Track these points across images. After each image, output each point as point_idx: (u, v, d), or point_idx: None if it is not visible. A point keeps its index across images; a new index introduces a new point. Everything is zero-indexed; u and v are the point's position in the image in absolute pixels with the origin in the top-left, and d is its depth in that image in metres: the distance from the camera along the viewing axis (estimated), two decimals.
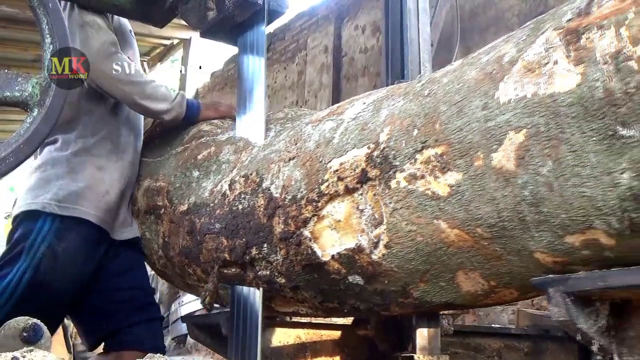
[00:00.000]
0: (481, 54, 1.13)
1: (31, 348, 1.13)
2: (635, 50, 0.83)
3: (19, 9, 6.14)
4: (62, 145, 1.83)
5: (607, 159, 0.89)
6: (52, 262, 1.70)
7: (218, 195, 1.56)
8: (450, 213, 1.09)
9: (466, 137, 1.05)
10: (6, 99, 1.36)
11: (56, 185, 1.76)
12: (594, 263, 1.00)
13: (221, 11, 1.80)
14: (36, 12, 1.38)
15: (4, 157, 1.30)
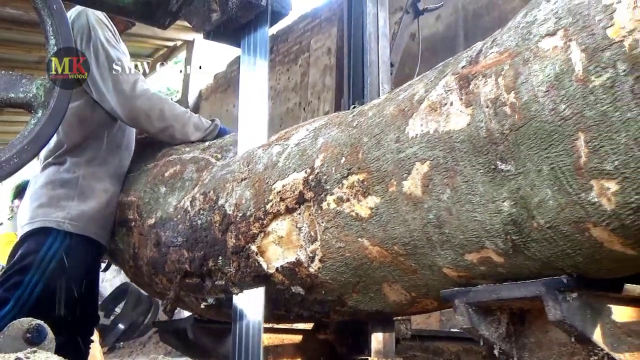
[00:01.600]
0: (400, 91, 1.27)
1: (35, 349, 1.16)
2: (508, 97, 0.97)
3: (23, 11, 6.20)
4: (71, 167, 1.97)
5: (492, 189, 1.02)
6: (61, 274, 1.85)
7: (181, 211, 1.70)
8: (371, 232, 1.23)
9: (382, 166, 1.18)
10: (10, 101, 1.37)
11: (68, 206, 1.91)
12: (491, 277, 1.14)
13: (225, 13, 1.83)
14: (40, 13, 1.39)
15: (8, 158, 1.31)
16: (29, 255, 1.85)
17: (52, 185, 1.95)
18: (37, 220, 1.90)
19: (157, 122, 1.99)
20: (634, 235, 0.89)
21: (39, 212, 1.92)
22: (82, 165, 1.97)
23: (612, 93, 0.84)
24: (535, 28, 0.96)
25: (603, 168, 0.87)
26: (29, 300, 1.81)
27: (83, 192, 1.94)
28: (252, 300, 1.55)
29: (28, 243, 1.88)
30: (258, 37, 1.87)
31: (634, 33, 0.82)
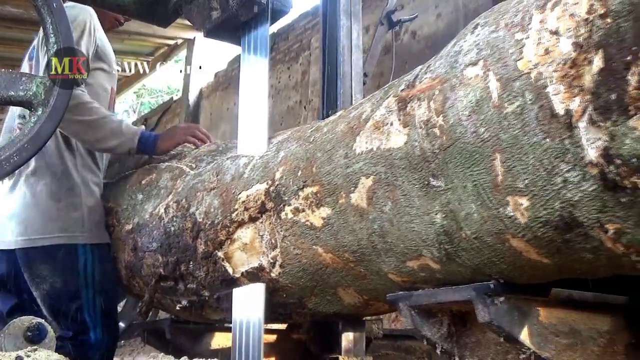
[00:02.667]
0: (352, 109, 1.36)
1: (35, 347, 1.17)
2: (438, 119, 1.07)
3: (23, 9, 6.22)
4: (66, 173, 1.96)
5: (426, 203, 1.12)
6: (108, 282, 1.96)
7: (156, 218, 1.80)
8: (324, 241, 1.33)
9: (333, 179, 1.28)
10: (10, 99, 1.37)
11: (79, 218, 1.93)
12: (431, 282, 1.23)
13: (225, 11, 1.83)
14: (40, 12, 1.39)
15: (8, 156, 1.31)
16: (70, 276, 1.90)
17: (57, 195, 1.94)
18: (53, 236, 1.91)
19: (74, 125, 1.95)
20: (546, 245, 0.99)
21: (51, 226, 1.92)
22: (75, 172, 1.97)
23: (522, 119, 0.94)
24: (461, 57, 1.05)
25: (516, 186, 0.97)
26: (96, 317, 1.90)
27: (87, 200, 1.96)
28: (252, 300, 1.55)
29: (54, 264, 1.90)
30: (258, 35, 1.87)
31: (538, 66, 0.92)
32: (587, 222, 0.91)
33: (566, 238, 0.96)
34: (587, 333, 1.25)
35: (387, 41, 2.88)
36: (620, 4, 0.81)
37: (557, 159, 0.90)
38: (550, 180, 0.92)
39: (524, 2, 1.00)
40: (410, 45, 4.59)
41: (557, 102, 0.89)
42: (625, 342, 1.31)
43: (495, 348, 1.28)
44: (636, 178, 0.82)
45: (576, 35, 0.87)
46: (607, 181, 0.86)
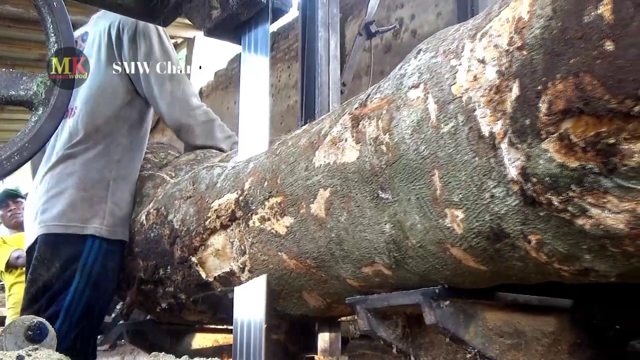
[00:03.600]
0: (314, 124, 1.45)
1: (37, 347, 1.16)
2: (385, 137, 1.15)
3: (23, 8, 6.25)
4: (101, 166, 1.99)
5: (376, 213, 1.21)
6: (105, 279, 1.94)
7: (138, 224, 1.89)
8: (288, 247, 1.41)
9: (295, 190, 1.37)
10: (11, 98, 1.37)
11: (102, 209, 1.95)
12: (385, 287, 1.32)
13: (225, 10, 1.85)
14: (41, 11, 1.39)
15: (9, 156, 1.32)
16: (69, 265, 1.90)
17: (83, 184, 1.97)
18: (72, 225, 1.94)
19: (204, 140, 2.13)
20: (480, 254, 1.08)
21: (73, 215, 1.94)
22: (113, 166, 2.01)
23: (455, 139, 1.03)
24: (405, 80, 1.14)
25: (452, 199, 1.05)
26: (77, 311, 1.89)
27: (114, 195, 1.99)
28: (252, 300, 1.55)
29: (62, 249, 1.92)
30: (259, 34, 1.89)
31: (468, 91, 1.00)
32: (513, 234, 1.00)
33: (497, 247, 1.04)
34: (531, 334, 1.34)
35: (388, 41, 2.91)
36: (533, 38, 0.90)
37: (484, 176, 0.99)
38: (480, 195, 1.01)
39: (461, 31, 1.09)
40: (410, 44, 4.65)
41: (484, 124, 0.98)
42: (570, 342, 1.40)
43: (447, 348, 1.37)
44: (550, 195, 0.91)
45: (499, 64, 0.95)
46: (527, 197, 0.94)
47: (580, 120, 0.84)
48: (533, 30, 0.90)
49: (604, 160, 0.84)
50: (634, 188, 0.84)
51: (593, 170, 0.85)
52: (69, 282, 1.89)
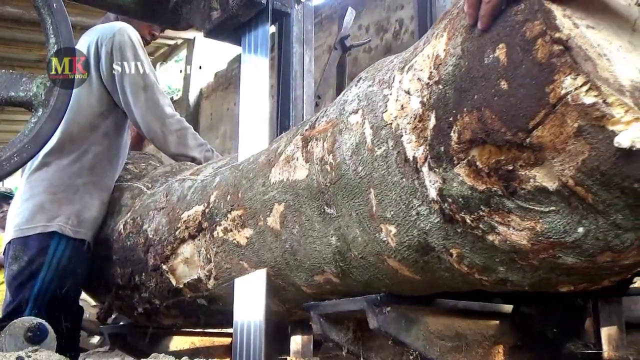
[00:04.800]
0: (273, 142, 1.56)
1: (36, 348, 1.19)
2: (329, 158, 1.26)
3: (23, 10, 6.28)
4: (73, 172, 2.10)
5: (324, 227, 1.32)
6: (70, 272, 2.05)
7: (116, 233, 1.99)
8: (248, 257, 1.52)
9: (254, 204, 1.48)
10: (11, 99, 1.37)
11: (68, 210, 2.06)
12: (336, 294, 1.43)
13: (225, 11, 1.86)
14: (40, 12, 1.39)
15: (8, 157, 1.32)
16: (37, 259, 2.02)
17: (53, 189, 2.08)
18: (39, 225, 2.05)
19: (177, 147, 2.23)
20: (412, 265, 1.18)
21: (40, 216, 2.05)
22: (84, 172, 2.12)
23: (386, 161, 1.13)
24: (347, 106, 1.25)
25: (386, 216, 1.16)
26: (44, 300, 1.99)
27: (83, 199, 2.09)
28: (252, 300, 1.55)
29: (31, 246, 2.04)
30: (259, 35, 1.90)
31: (397, 119, 1.11)
32: (438, 247, 1.11)
33: (425, 259, 1.15)
34: (472, 337, 1.45)
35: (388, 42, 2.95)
36: (447, 74, 1.00)
37: (411, 195, 1.10)
38: (408, 212, 1.12)
39: (394, 62, 1.20)
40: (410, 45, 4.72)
41: (409, 149, 1.08)
42: (510, 345, 1.51)
43: (394, 349, 1.47)
44: (463, 214, 1.02)
45: (422, 95, 1.06)
46: (445, 215, 1.05)
47: (484, 149, 0.95)
48: (447, 67, 1.01)
49: (505, 184, 0.95)
50: (532, 209, 0.94)
51: (497, 192, 0.96)
52: (37, 273, 2.01)
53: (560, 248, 0.96)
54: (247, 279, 1.55)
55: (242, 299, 1.57)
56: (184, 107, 9.15)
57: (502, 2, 0.91)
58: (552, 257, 0.98)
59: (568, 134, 0.86)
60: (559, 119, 0.86)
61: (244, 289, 1.57)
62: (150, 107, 2.16)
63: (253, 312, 1.56)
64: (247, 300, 1.56)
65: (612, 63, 0.86)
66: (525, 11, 0.89)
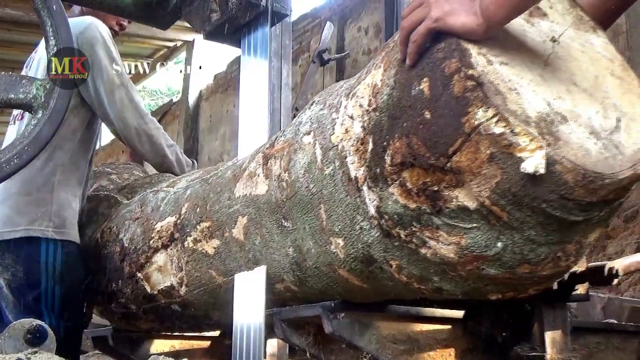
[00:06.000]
0: (239, 159, 1.66)
1: (36, 350, 1.17)
2: (285, 175, 1.36)
3: (23, 12, 6.34)
4: (44, 171, 2.02)
5: (282, 239, 1.41)
6: (70, 274, 2.01)
7: (94, 241, 2.09)
8: (216, 266, 1.62)
9: (220, 217, 1.58)
10: (10, 101, 1.36)
11: (47, 212, 2.00)
12: (296, 300, 1.53)
13: (225, 13, 1.84)
14: (40, 14, 1.38)
15: (8, 159, 1.31)
16: (32, 268, 1.97)
17: (27, 189, 2.00)
18: (20, 229, 1.98)
19: (151, 147, 2.20)
20: (360, 275, 1.28)
21: (19, 219, 1.99)
22: (58, 170, 2.05)
23: (333, 180, 1.23)
24: (301, 127, 1.35)
25: (334, 229, 1.26)
26: (55, 309, 1.97)
27: (59, 197, 2.03)
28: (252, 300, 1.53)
29: (20, 254, 1.98)
30: (258, 37, 1.89)
31: (342, 141, 1.21)
32: (379, 259, 1.21)
33: (370, 270, 1.25)
34: (424, 341, 1.55)
35: None
36: (382, 103, 1.11)
37: (354, 211, 1.20)
38: (353, 226, 1.22)
39: (344, 87, 1.30)
40: None
41: (352, 169, 1.19)
42: (461, 348, 1.61)
43: (350, 353, 1.57)
44: (398, 229, 1.12)
45: (362, 121, 1.16)
46: (383, 230, 1.15)
47: (413, 171, 1.05)
48: (383, 96, 1.11)
49: (432, 203, 1.05)
50: (456, 225, 1.05)
51: (426, 210, 1.06)
52: (37, 284, 1.98)
53: (483, 261, 1.06)
54: (246, 278, 1.53)
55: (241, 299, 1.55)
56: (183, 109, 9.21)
57: (426, 42, 1.01)
58: (476, 269, 1.08)
59: (482, 159, 0.96)
60: (473, 146, 0.96)
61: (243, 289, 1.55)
62: (126, 105, 2.12)
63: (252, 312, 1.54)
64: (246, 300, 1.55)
65: (521, 96, 0.96)
66: (444, 49, 0.99)
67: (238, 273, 1.57)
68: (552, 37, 1.08)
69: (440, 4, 0.98)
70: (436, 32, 1.00)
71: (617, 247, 4.14)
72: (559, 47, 1.07)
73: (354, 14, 6.21)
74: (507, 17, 0.98)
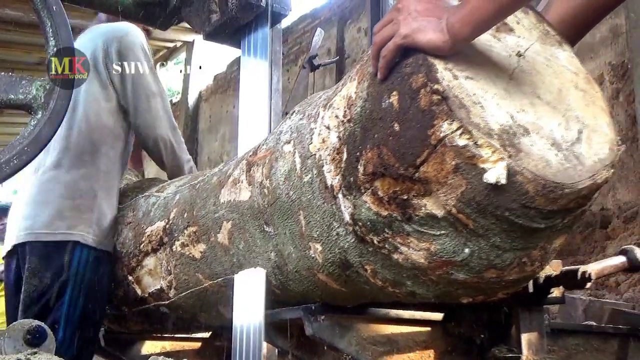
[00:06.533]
0: (224, 165, 1.71)
1: (35, 351, 1.16)
2: (266, 182, 1.41)
3: (22, 12, 6.27)
4: (88, 177, 2.04)
5: (264, 243, 1.46)
6: (96, 286, 1.97)
7: None
8: (202, 269, 1.67)
9: (206, 222, 1.62)
10: (10, 102, 1.35)
11: (89, 219, 1.99)
12: (279, 303, 1.57)
13: (224, 14, 1.85)
14: (40, 14, 1.38)
15: (8, 160, 1.31)
16: (60, 275, 1.93)
17: (71, 193, 2.00)
18: (59, 232, 1.97)
19: (173, 158, 2.21)
20: (338, 279, 1.33)
21: (59, 223, 1.97)
22: (101, 177, 2.06)
23: (312, 187, 1.28)
24: (282, 136, 1.40)
25: (313, 235, 1.31)
26: (74, 320, 1.92)
27: (101, 206, 2.03)
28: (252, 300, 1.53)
29: (52, 257, 1.95)
30: (258, 37, 1.90)
31: (320, 150, 1.26)
32: (355, 264, 1.25)
33: (347, 274, 1.30)
34: (404, 343, 1.59)
35: None
36: (356, 114, 1.15)
37: (331, 218, 1.25)
38: (330, 232, 1.26)
39: (322, 98, 1.35)
40: None
41: (329, 178, 1.23)
42: (440, 350, 1.65)
43: (332, 354, 1.62)
44: (372, 235, 1.16)
45: (338, 131, 1.21)
46: (358, 236, 1.20)
47: (384, 181, 1.10)
48: (356, 107, 1.15)
49: (402, 211, 1.09)
50: (426, 232, 1.09)
51: (397, 218, 1.11)
52: (63, 291, 1.93)
53: (452, 266, 1.11)
54: (245, 279, 1.54)
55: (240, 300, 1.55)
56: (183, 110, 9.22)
57: (395, 57, 1.06)
58: (446, 274, 1.13)
59: (448, 170, 1.01)
60: (439, 157, 1.01)
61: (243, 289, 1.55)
62: (161, 114, 2.15)
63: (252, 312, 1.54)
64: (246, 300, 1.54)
65: (485, 109, 1.01)
66: (412, 64, 1.04)
67: (224, 277, 1.62)
68: (518, 52, 1.13)
69: (409, 21, 1.03)
70: (405, 48, 1.04)
71: (617, 247, 4.09)
72: (524, 61, 1.12)
73: (354, 15, 6.24)
74: (471, 35, 1.02)
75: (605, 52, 4.48)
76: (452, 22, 1.01)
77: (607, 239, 4.23)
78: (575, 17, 1.33)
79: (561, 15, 1.33)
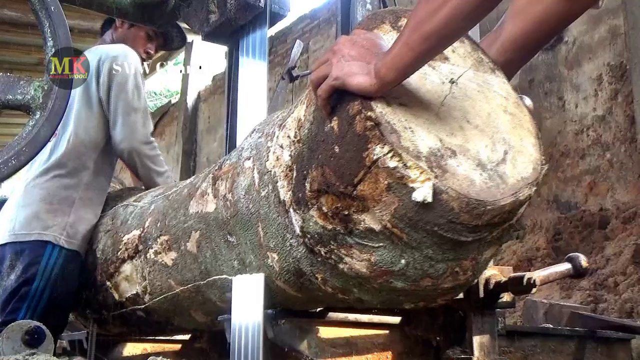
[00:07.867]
0: (195, 177, 1.81)
1: (33, 351, 1.22)
2: (229, 195, 1.51)
3: (21, 13, 6.29)
4: (70, 186, 2.21)
5: (229, 252, 1.56)
6: (63, 281, 2.13)
7: None
8: (174, 276, 1.77)
9: (177, 231, 1.72)
10: (8, 102, 1.37)
11: (64, 222, 2.16)
12: None
13: (223, 14, 1.90)
14: (38, 15, 1.39)
15: (6, 160, 1.32)
16: (31, 267, 2.11)
17: (50, 198, 2.18)
18: (34, 232, 2.14)
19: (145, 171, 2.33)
20: (294, 285, 1.43)
21: (35, 224, 2.14)
22: (81, 188, 2.23)
23: (268, 201, 1.38)
24: (244, 152, 1.50)
25: (270, 245, 1.41)
26: (38, 307, 2.08)
27: (78, 211, 2.18)
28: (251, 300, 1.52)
29: (26, 254, 2.12)
30: (257, 38, 1.95)
31: (275, 167, 1.36)
32: (307, 272, 1.35)
33: (301, 281, 1.40)
34: (362, 345, 1.70)
35: None
36: (304, 136, 1.25)
37: (285, 230, 1.35)
38: (284, 243, 1.36)
39: (279, 118, 1.45)
40: None
41: (282, 193, 1.33)
42: (398, 352, 1.75)
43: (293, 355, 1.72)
44: (319, 247, 1.27)
45: (290, 150, 1.31)
46: (308, 247, 1.30)
47: (328, 197, 1.20)
48: (304, 129, 1.26)
49: (344, 225, 1.19)
50: (366, 244, 1.19)
51: (340, 231, 1.21)
52: (30, 281, 2.11)
53: (391, 275, 1.21)
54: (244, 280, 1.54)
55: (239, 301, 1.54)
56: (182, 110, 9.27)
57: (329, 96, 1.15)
58: (386, 282, 1.23)
59: (382, 189, 1.11)
60: (374, 177, 1.11)
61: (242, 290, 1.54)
62: (139, 129, 2.28)
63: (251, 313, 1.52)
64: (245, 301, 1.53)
65: (415, 134, 1.11)
66: (350, 93, 1.14)
67: (193, 283, 1.72)
68: (451, 79, 1.23)
69: (341, 64, 1.12)
70: (336, 89, 1.14)
71: (616, 248, 4.09)
72: (456, 88, 1.22)
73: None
74: (396, 78, 1.11)
75: (604, 53, 4.52)
76: (378, 67, 1.10)
77: (606, 240, 4.23)
78: (527, 37, 1.41)
79: (514, 35, 1.41)
